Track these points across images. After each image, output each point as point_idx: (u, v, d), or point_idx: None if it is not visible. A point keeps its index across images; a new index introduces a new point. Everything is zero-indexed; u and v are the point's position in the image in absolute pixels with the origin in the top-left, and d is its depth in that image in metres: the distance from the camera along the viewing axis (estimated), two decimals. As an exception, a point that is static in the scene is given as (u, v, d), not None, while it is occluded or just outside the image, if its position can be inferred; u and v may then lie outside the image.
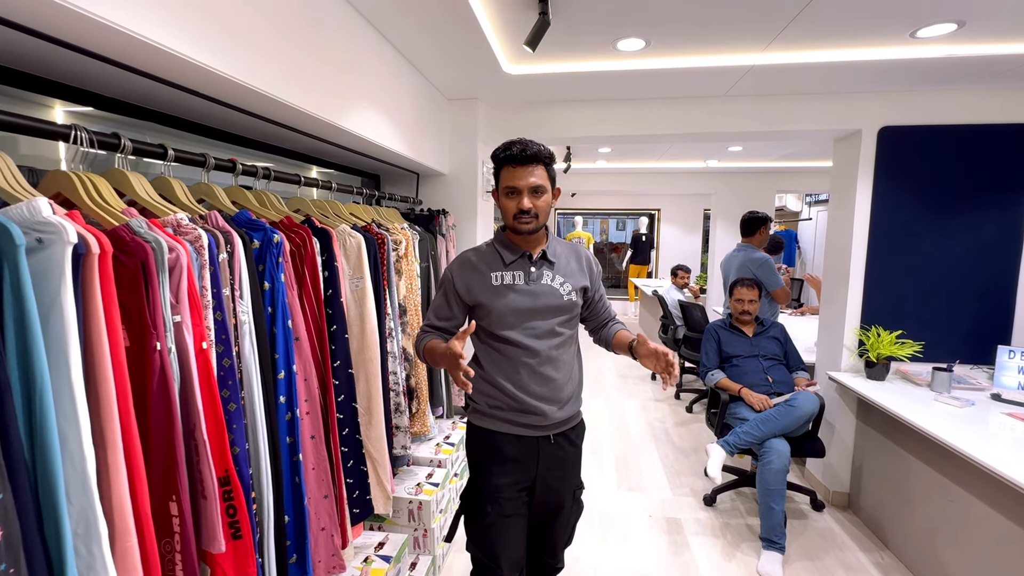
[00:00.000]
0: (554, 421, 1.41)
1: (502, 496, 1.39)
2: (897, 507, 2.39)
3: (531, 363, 1.38)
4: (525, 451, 1.40)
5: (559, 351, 1.42)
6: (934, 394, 2.35)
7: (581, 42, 2.12)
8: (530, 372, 1.38)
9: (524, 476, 1.41)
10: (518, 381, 1.38)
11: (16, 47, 0.95)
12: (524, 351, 1.37)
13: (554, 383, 1.40)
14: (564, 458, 1.45)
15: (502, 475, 1.39)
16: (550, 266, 1.43)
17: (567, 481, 1.48)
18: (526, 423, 1.39)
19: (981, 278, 2.61)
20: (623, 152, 5.24)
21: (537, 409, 1.38)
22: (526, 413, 1.39)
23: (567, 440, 1.46)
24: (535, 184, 1.34)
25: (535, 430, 1.40)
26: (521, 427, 1.40)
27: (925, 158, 2.60)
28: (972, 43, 2.02)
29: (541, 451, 1.41)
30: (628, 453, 3.46)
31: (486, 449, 1.42)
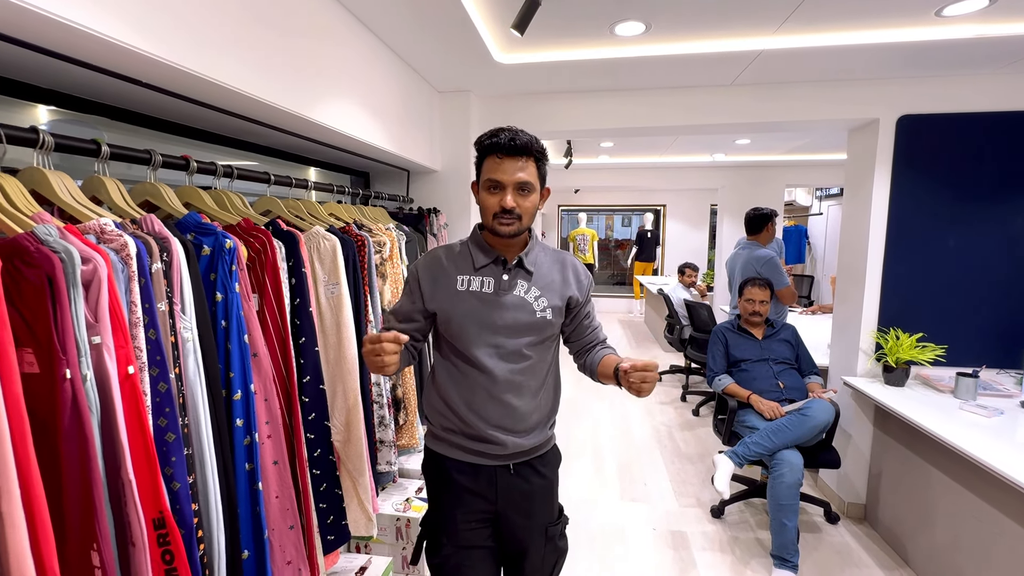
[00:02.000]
0: (513, 451, 1.22)
1: (458, 527, 1.22)
2: (917, 522, 2.23)
3: (488, 387, 1.19)
4: (479, 482, 1.22)
5: (523, 376, 1.21)
6: (959, 402, 2.19)
7: (576, 27, 1.97)
8: (486, 397, 1.19)
9: (482, 507, 1.23)
10: (472, 404, 1.19)
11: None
12: (481, 372, 1.18)
13: (514, 412, 1.20)
14: (529, 492, 1.25)
15: (456, 505, 1.23)
16: (526, 276, 1.22)
17: (534, 518, 1.26)
18: (480, 451, 1.21)
19: (1010, 276, 2.44)
20: (626, 146, 5.08)
21: (492, 438, 1.19)
22: (480, 441, 1.20)
23: (532, 471, 1.26)
24: (522, 180, 1.14)
25: (491, 459, 1.22)
26: (474, 455, 1.22)
27: (948, 148, 2.43)
28: (1004, 21, 1.84)
29: (499, 482, 1.22)
30: (631, 460, 3.32)
31: (438, 475, 1.25)
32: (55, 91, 1.17)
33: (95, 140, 1.01)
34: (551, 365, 1.31)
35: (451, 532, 1.23)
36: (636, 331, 7.54)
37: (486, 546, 1.25)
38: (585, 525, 2.58)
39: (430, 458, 1.29)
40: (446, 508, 1.24)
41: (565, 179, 6.65)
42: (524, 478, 1.25)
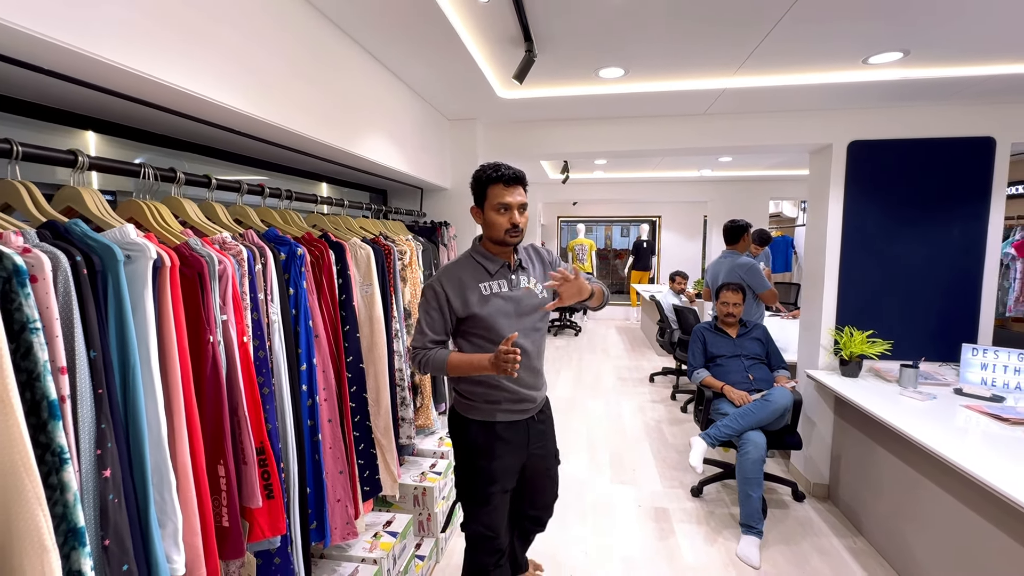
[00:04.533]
0: (537, 402, 1.67)
1: (505, 476, 1.61)
2: (869, 495, 2.56)
3: (523, 360, 1.53)
4: (518, 433, 1.63)
5: (539, 344, 1.64)
6: (900, 389, 2.53)
7: (566, 71, 2.35)
8: (521, 367, 1.52)
9: (519, 455, 1.64)
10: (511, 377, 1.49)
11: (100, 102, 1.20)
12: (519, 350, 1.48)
13: (538, 372, 1.65)
14: (545, 430, 1.73)
15: (504, 457, 1.59)
16: (524, 271, 1.63)
17: (549, 448, 1.78)
18: (520, 409, 1.62)
19: (947, 280, 2.79)
20: (619, 163, 5.46)
21: (529, 397, 1.62)
22: (521, 402, 1.61)
23: (544, 415, 1.73)
24: (523, 202, 1.53)
25: (525, 414, 1.64)
26: (515, 414, 1.61)
27: (891, 169, 2.79)
28: (919, 68, 2.22)
29: (530, 430, 1.66)
30: (623, 450, 3.64)
31: (488, 438, 1.58)
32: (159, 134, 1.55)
33: (207, 176, 1.38)
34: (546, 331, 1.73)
35: (501, 480, 1.60)
36: (633, 337, 7.87)
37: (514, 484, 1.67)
38: (579, 503, 2.90)
39: (478, 426, 1.59)
40: (498, 460, 1.58)
41: (563, 192, 7.04)
42: (542, 422, 1.71)
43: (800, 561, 2.38)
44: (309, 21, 1.63)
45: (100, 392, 0.85)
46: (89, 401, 0.83)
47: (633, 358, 6.47)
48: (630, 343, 7.40)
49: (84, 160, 1.07)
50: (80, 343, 0.82)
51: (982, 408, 2.24)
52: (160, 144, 1.54)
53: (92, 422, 0.83)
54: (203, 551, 1.05)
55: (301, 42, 1.59)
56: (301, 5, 1.58)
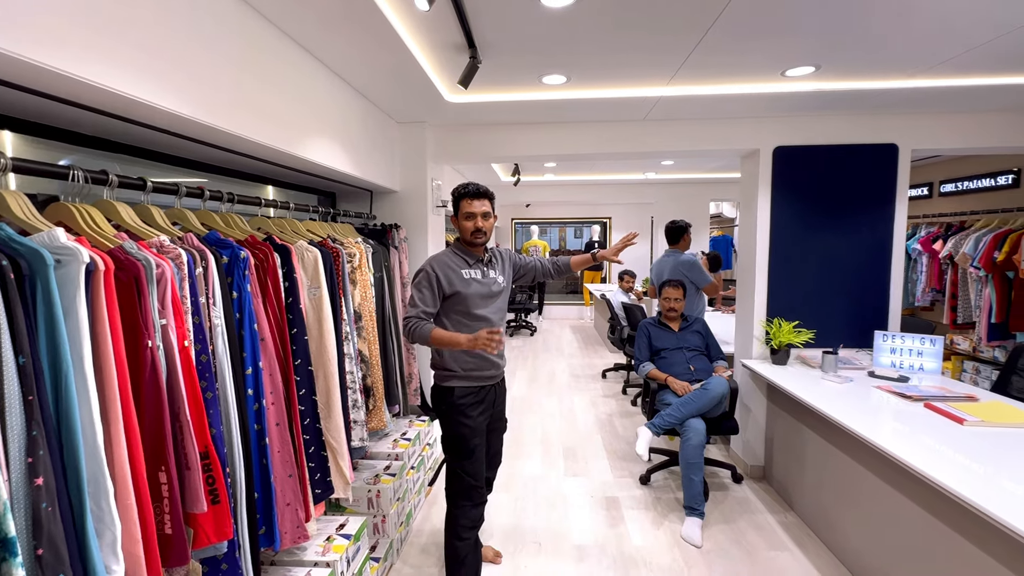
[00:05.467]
0: (501, 370, 2.07)
1: (482, 430, 1.97)
2: (797, 473, 2.77)
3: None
4: (490, 395, 2.01)
5: (502, 322, 2.04)
6: (822, 374, 2.76)
7: (511, 77, 2.42)
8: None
9: (488, 412, 2.00)
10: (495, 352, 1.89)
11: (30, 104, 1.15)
12: (487, 323, 1.94)
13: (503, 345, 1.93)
14: (504, 395, 2.15)
15: (480, 415, 1.96)
16: (492, 266, 2.04)
17: (503, 410, 2.17)
18: (490, 375, 1.99)
19: (862, 274, 3.07)
20: (568, 165, 5.61)
21: (495, 364, 2.00)
22: (490, 367, 1.98)
23: (503, 383, 2.13)
24: (485, 211, 1.96)
25: (494, 378, 2.03)
26: (487, 379, 1.99)
27: (812, 172, 3.05)
28: (830, 80, 2.44)
29: (497, 393, 2.07)
30: (576, 444, 3.75)
31: (469, 400, 1.93)
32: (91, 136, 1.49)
33: (142, 178, 1.34)
34: None
35: (481, 433, 1.95)
36: (586, 334, 8.07)
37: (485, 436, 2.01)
38: (533, 497, 2.98)
39: (460, 392, 1.93)
40: (478, 417, 1.94)
41: (517, 194, 7.14)
42: (502, 387, 2.12)
43: (738, 537, 2.55)
44: (247, 20, 1.62)
45: (30, 399, 0.83)
46: (18, 408, 0.81)
47: (586, 356, 6.65)
48: (583, 341, 7.59)
49: (6, 162, 1.03)
50: (7, 349, 0.81)
51: (891, 388, 2.49)
52: (90, 145, 1.48)
53: (22, 429, 0.82)
54: (144, 560, 1.04)
55: (240, 41, 1.57)
56: (238, 4, 1.56)
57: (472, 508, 1.95)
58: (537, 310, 9.25)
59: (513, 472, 3.26)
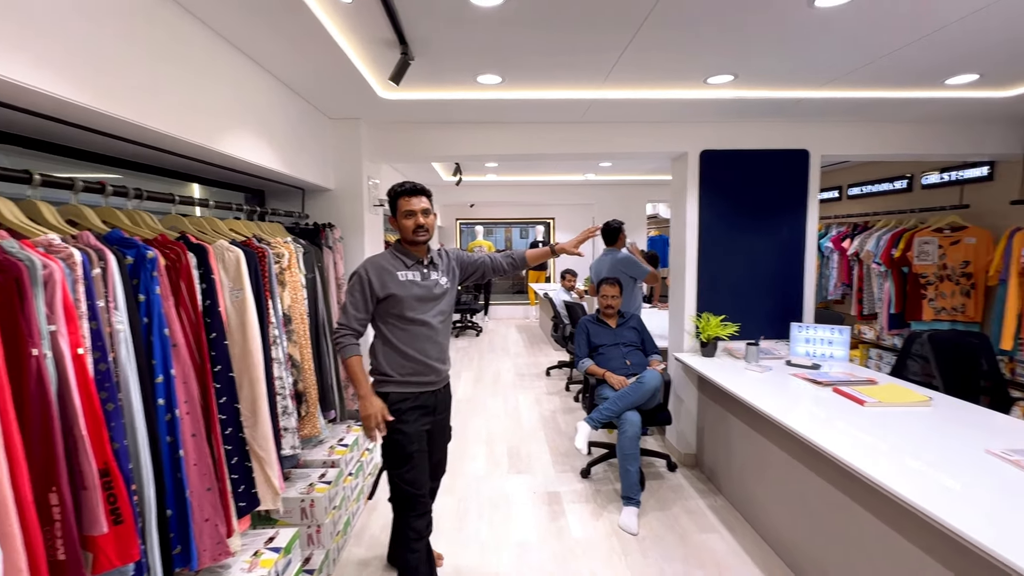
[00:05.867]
0: (443, 376, 1.99)
1: (420, 438, 1.89)
2: (724, 458, 2.94)
3: (430, 335, 1.90)
4: (430, 401, 1.94)
5: (444, 325, 1.98)
6: (746, 364, 2.94)
7: (446, 75, 2.41)
8: (430, 341, 1.90)
9: (428, 419, 1.94)
10: (423, 350, 1.89)
11: None
12: (426, 327, 1.89)
13: (443, 347, 1.98)
14: (447, 402, 2.08)
15: (418, 421, 1.89)
16: (434, 267, 1.97)
17: (448, 417, 2.11)
18: (429, 380, 1.92)
19: (780, 270, 3.29)
20: (510, 166, 5.65)
21: (435, 368, 1.93)
22: (430, 372, 1.91)
23: (447, 389, 2.06)
24: (425, 207, 1.91)
25: (435, 384, 1.95)
26: (426, 384, 1.92)
27: (735, 175, 3.24)
28: (747, 89, 2.61)
29: (439, 399, 1.99)
30: (519, 442, 3.78)
31: (405, 406, 1.86)
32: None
33: (27, 170, 1.22)
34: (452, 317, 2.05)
35: (419, 440, 1.88)
36: (531, 334, 8.16)
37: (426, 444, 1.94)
38: (476, 497, 2.97)
39: (395, 396, 1.87)
40: (414, 424, 1.87)
41: (460, 195, 7.10)
42: (446, 394, 2.05)
43: (672, 523, 2.67)
44: (161, 7, 1.51)
45: None
46: None
47: (531, 354, 6.72)
48: (529, 340, 7.67)
49: None
50: None
51: (805, 375, 2.68)
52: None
53: None
54: (31, 590, 0.94)
55: (151, 29, 1.46)
56: (146, -12, 1.45)
57: (416, 519, 1.88)
58: (483, 310, 9.25)
59: (457, 474, 3.24)
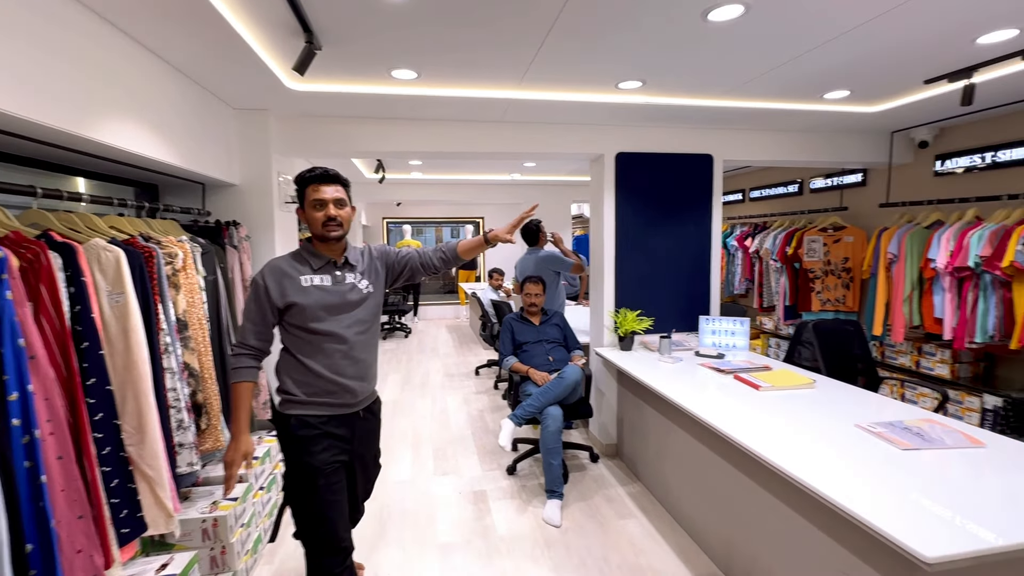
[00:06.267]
0: (363, 397, 1.71)
1: (329, 469, 1.61)
2: (641, 447, 3.08)
3: (343, 349, 1.63)
4: (343, 427, 1.66)
5: (365, 336, 1.70)
6: (659, 356, 3.10)
7: (359, 68, 2.32)
8: (343, 356, 1.64)
9: (343, 449, 1.66)
10: (333, 366, 1.62)
11: None
12: (336, 340, 1.63)
13: (362, 363, 1.69)
14: (371, 429, 1.80)
15: (327, 451, 1.61)
16: (351, 268, 1.72)
17: (373, 447, 1.85)
18: (342, 402, 1.65)
19: (689, 266, 3.51)
20: (436, 164, 5.58)
21: (350, 388, 1.65)
22: (342, 392, 1.64)
23: (371, 413, 1.78)
24: (337, 197, 1.64)
25: (349, 407, 1.68)
26: (338, 407, 1.65)
27: (648, 176, 3.41)
28: (655, 95, 2.76)
29: (355, 426, 1.70)
30: (447, 444, 3.75)
31: (311, 432, 1.60)
32: None
33: None
34: (378, 327, 1.80)
35: (325, 474, 1.60)
36: (462, 334, 8.12)
37: (343, 484, 1.68)
38: (400, 503, 2.90)
39: (298, 421, 1.61)
40: (321, 454, 1.60)
41: (386, 193, 6.91)
42: (367, 420, 1.76)
43: (593, 512, 2.76)
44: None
45: None
46: None
47: (461, 354, 6.69)
48: (459, 340, 7.62)
49: None
50: None
51: (711, 364, 2.88)
52: None
53: None
54: None
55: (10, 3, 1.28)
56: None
57: (329, 558, 1.61)
58: (412, 311, 9.07)
59: (381, 479, 3.07)
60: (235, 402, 1.58)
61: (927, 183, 3.65)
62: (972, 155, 3.34)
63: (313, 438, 1.60)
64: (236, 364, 1.60)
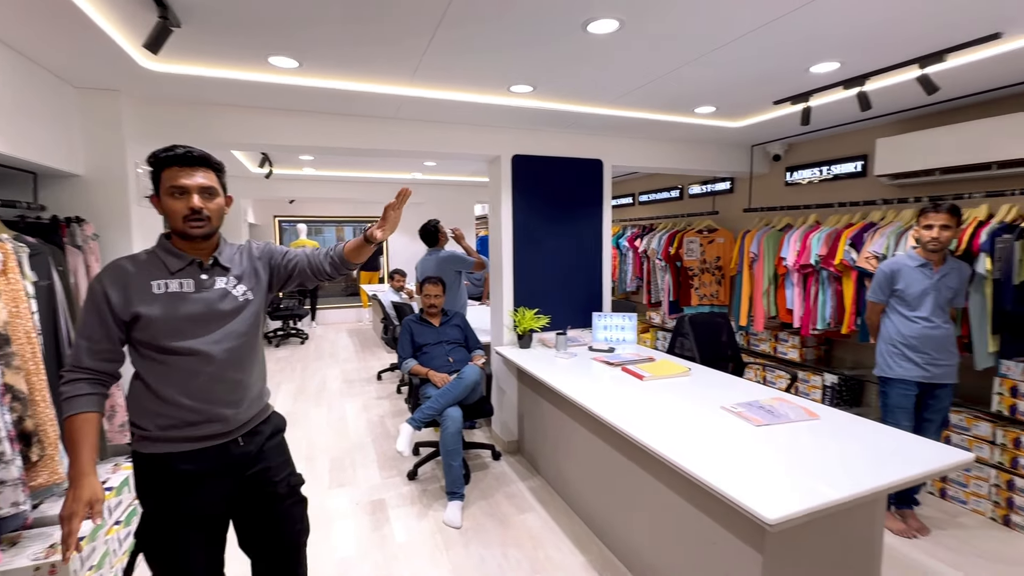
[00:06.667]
0: (240, 423, 1.39)
1: (195, 518, 1.34)
2: (540, 441, 3.18)
3: (209, 371, 1.32)
4: (211, 463, 1.34)
5: (240, 353, 1.38)
6: (556, 353, 3.22)
7: (230, 52, 2.12)
8: (209, 379, 1.32)
9: (218, 494, 1.36)
10: (194, 391, 1.30)
11: None
12: (200, 359, 1.31)
13: (238, 384, 1.38)
14: (259, 454, 1.43)
15: (191, 495, 1.32)
16: (223, 271, 1.39)
17: (274, 476, 1.46)
18: (207, 434, 1.33)
19: (583, 265, 3.68)
20: (330, 161, 5.29)
21: (219, 416, 1.33)
22: (207, 423, 1.32)
23: (255, 437, 1.43)
24: (205, 184, 1.32)
25: (220, 437, 1.35)
26: (202, 440, 1.33)
27: (544, 179, 3.51)
28: (545, 101, 2.85)
29: (232, 457, 1.37)
30: (343, 453, 3.57)
31: (167, 475, 1.30)
32: None
33: None
34: (260, 339, 1.50)
35: (190, 524, 1.33)
36: (364, 337, 7.80)
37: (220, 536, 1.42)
38: (290, 520, 2.70)
39: (152, 462, 1.31)
40: (185, 499, 1.32)
41: (278, 189, 6.42)
42: (250, 443, 1.41)
43: (493, 509, 2.79)
44: None
45: None
46: None
47: (362, 359, 6.42)
48: (360, 344, 7.31)
49: None
50: None
51: (602, 358, 3.04)
52: None
53: None
54: None
55: None
56: None
57: None
58: (310, 315, 8.53)
59: None
60: (71, 440, 1.23)
61: (780, 191, 4.18)
62: (814, 168, 3.88)
63: (170, 482, 1.31)
64: (69, 392, 1.25)
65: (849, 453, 1.69)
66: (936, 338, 2.45)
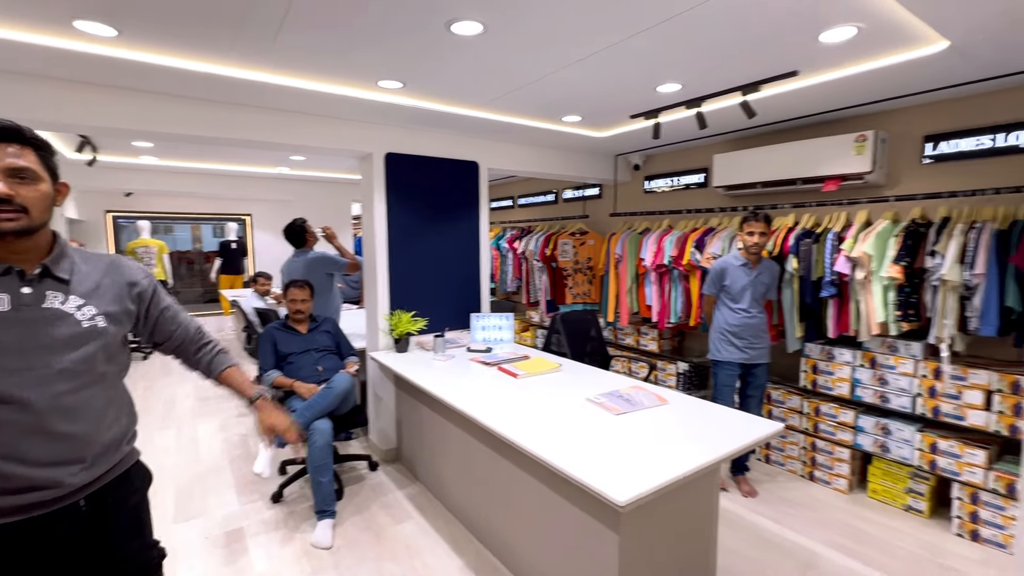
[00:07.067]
0: (78, 486, 1.08)
1: None
2: (418, 447, 3.11)
3: (25, 421, 1.01)
4: (37, 538, 1.04)
5: (78, 395, 1.07)
6: (434, 355, 3.17)
7: (31, 12, 1.74)
8: (26, 434, 1.01)
9: (47, 570, 1.06)
10: (5, 449, 0.99)
11: None
12: (11, 407, 1.00)
13: (75, 440, 1.07)
14: (113, 524, 1.15)
15: None
16: (59, 284, 1.09)
17: (126, 547, 1.19)
18: (30, 503, 1.02)
19: (461, 266, 3.68)
20: (176, 150, 4.65)
21: (44, 481, 1.03)
22: (27, 491, 1.02)
23: (109, 496, 1.14)
24: (15, 165, 1.01)
25: (48, 505, 1.05)
26: (21, 511, 1.02)
27: (420, 179, 3.44)
28: (416, 99, 2.80)
29: (71, 526, 1.08)
30: (194, 480, 3.15)
31: None
32: None
33: None
34: (118, 374, 1.21)
35: None
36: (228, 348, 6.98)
37: None
38: (120, 567, 2.31)
39: None
40: None
41: (109, 180, 5.47)
42: (104, 509, 1.14)
43: (368, 523, 2.66)
44: None
45: None
46: None
47: (223, 373, 5.73)
48: (221, 356, 6.53)
49: None
50: None
51: (480, 358, 3.06)
52: None
53: None
54: None
55: None
56: None
57: None
58: (156, 326, 7.40)
59: None
60: None
61: (640, 198, 4.59)
62: (667, 178, 4.33)
63: None
64: None
65: (690, 433, 1.90)
66: (753, 326, 2.93)
